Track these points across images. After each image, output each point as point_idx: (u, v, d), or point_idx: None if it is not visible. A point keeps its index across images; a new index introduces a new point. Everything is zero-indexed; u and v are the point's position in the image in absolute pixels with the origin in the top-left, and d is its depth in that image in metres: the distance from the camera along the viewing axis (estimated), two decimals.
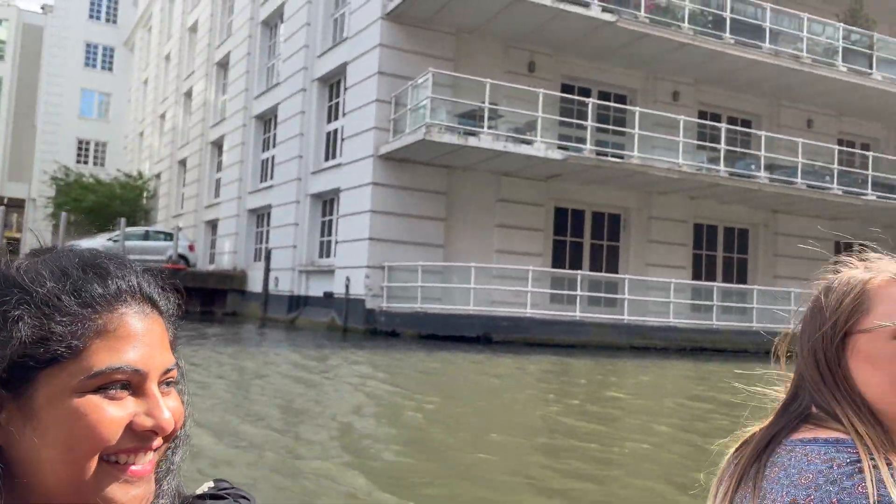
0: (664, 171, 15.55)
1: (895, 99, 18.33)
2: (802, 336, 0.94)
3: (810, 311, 0.95)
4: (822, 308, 0.92)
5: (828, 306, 0.91)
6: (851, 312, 0.89)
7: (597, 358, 13.07)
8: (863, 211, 18.43)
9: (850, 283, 0.92)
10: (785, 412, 0.92)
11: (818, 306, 0.93)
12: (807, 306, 0.97)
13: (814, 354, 0.91)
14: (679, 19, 15.76)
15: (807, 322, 0.95)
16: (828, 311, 0.91)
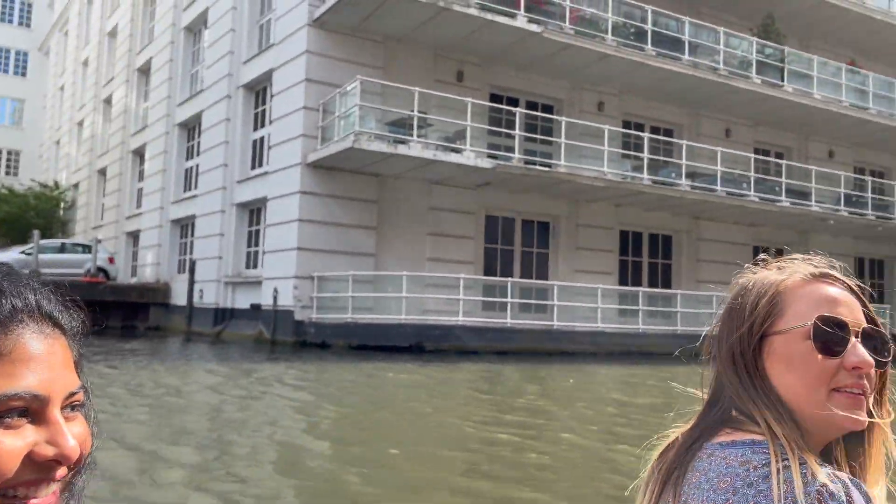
0: (590, 180, 15.87)
1: (805, 110, 19.28)
2: (720, 338, 0.94)
3: (727, 313, 0.96)
4: (738, 310, 0.93)
5: (744, 308, 0.92)
6: (767, 314, 0.90)
7: (526, 364, 13.16)
8: (778, 217, 19.28)
9: (764, 285, 0.93)
10: (705, 416, 0.92)
11: (734, 308, 0.94)
12: (723, 308, 0.97)
13: (732, 356, 0.91)
14: (603, 31, 16.15)
15: (724, 324, 0.95)
16: (744, 313, 0.92)
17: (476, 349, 14.44)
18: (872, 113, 19.96)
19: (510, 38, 15.62)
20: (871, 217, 19.88)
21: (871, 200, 20.17)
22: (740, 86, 17.85)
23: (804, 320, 0.88)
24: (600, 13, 16.24)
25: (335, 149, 13.97)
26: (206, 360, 12.21)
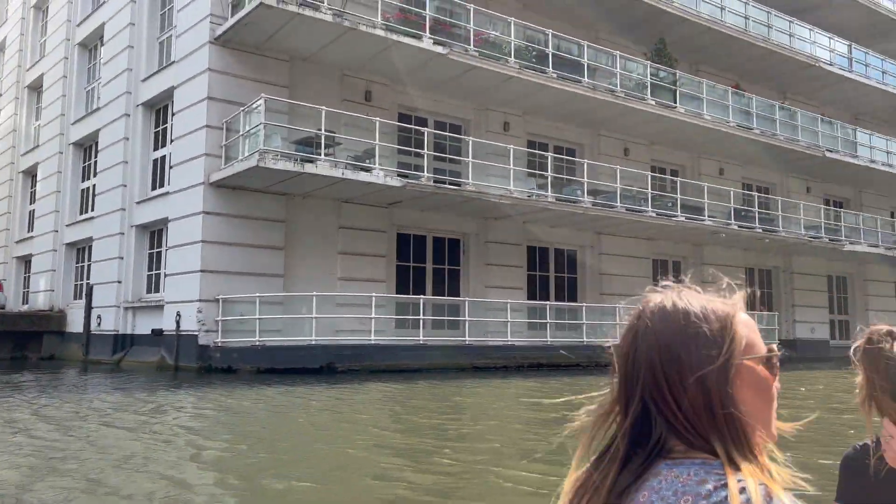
0: (497, 198, 16.23)
1: (696, 130, 20.46)
2: (677, 364, 0.88)
3: (692, 340, 0.89)
4: (708, 338, 0.90)
5: (715, 336, 0.89)
6: (741, 343, 0.90)
7: (438, 381, 13.24)
8: (674, 231, 20.31)
9: (721, 314, 0.92)
10: (637, 445, 0.90)
11: (701, 335, 0.89)
12: (666, 330, 0.91)
13: (704, 386, 0.87)
14: (506, 53, 16.64)
15: (687, 349, 0.89)
16: (719, 341, 0.89)
17: (389, 367, 14.42)
18: (756, 133, 21.41)
19: (417, 60, 15.85)
20: (759, 230, 21.25)
21: (758, 214, 21.56)
22: (636, 107, 18.77)
23: (762, 347, 0.93)
24: (503, 36, 16.74)
25: (240, 168, 13.71)
26: (99, 389, 11.62)
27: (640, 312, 0.96)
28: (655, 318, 0.93)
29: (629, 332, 0.96)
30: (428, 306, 16.45)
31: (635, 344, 0.93)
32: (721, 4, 20.94)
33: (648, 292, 0.99)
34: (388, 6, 15.39)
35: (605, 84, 18.48)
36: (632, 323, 0.96)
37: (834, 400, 10.76)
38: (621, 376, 0.94)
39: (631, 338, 0.94)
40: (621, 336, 0.98)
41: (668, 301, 0.94)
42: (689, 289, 0.96)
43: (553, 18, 19.49)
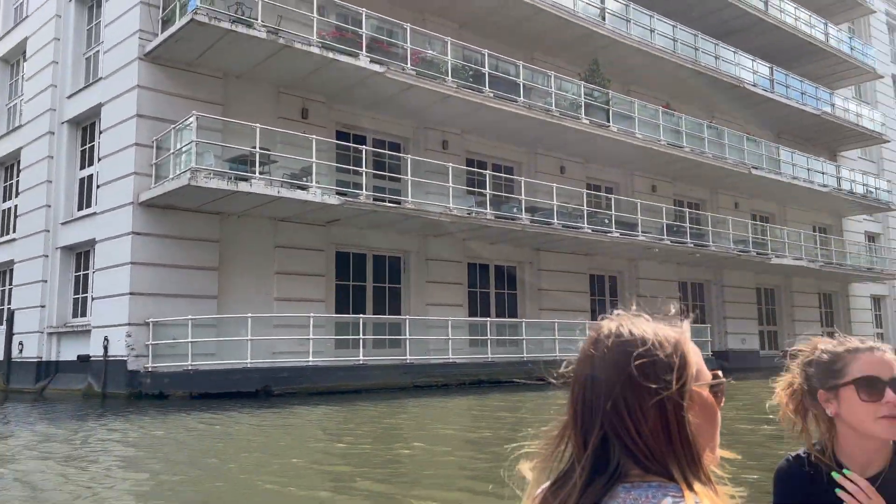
0: (437, 215, 16.26)
1: (629, 148, 21.00)
2: (637, 391, 0.91)
3: (651, 366, 0.92)
4: (663, 363, 0.93)
5: (671, 362, 0.92)
6: (691, 368, 0.94)
7: (379, 400, 13.08)
8: (610, 247, 20.74)
9: (671, 340, 0.96)
10: (595, 471, 0.92)
11: (659, 363, 0.92)
12: (619, 357, 0.93)
13: (660, 409, 0.90)
14: (444, 73, 16.76)
15: (646, 376, 0.92)
16: (677, 367, 0.93)
17: (328, 389, 14.17)
18: (686, 151, 22.13)
19: (354, 77, 15.80)
20: (690, 245, 21.92)
21: (689, 230, 22.25)
22: (571, 126, 19.17)
23: (708, 373, 0.98)
24: (441, 56, 16.87)
25: (170, 187, 13.32)
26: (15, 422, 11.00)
27: (596, 339, 0.98)
28: (612, 346, 0.95)
29: (587, 360, 0.97)
30: (368, 325, 16.29)
31: (593, 371, 0.95)
32: (651, 27, 21.66)
33: (602, 320, 1.01)
34: (325, 24, 15.33)
35: (541, 104, 18.81)
36: (588, 350, 0.97)
37: (757, 410, 11.10)
38: (578, 403, 0.95)
39: (589, 365, 0.96)
40: (578, 363, 0.99)
41: (623, 328, 0.97)
42: (639, 316, 1.00)
43: (489, 38, 19.78)
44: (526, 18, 19.29)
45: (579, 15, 19.62)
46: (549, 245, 20.26)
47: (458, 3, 18.53)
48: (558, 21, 19.41)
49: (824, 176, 27.22)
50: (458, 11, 18.98)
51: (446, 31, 18.03)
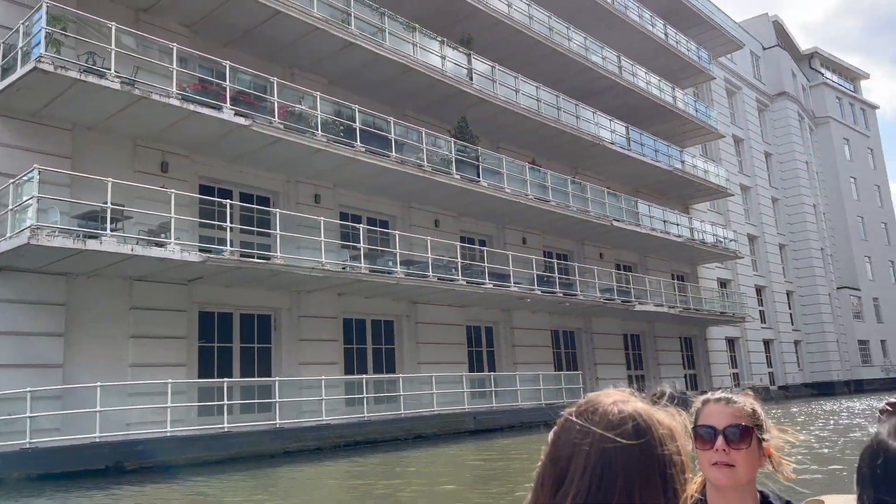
0: (308, 270, 15.83)
1: (499, 202, 21.62)
2: (638, 468, 0.88)
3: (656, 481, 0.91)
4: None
5: (663, 434, 0.92)
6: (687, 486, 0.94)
7: (243, 472, 12.26)
8: (484, 298, 21.03)
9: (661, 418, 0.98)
10: None
11: (653, 435, 0.93)
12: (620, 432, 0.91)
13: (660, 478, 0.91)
14: (313, 127, 16.60)
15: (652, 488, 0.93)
16: (667, 439, 0.93)
17: (189, 461, 13.13)
18: (553, 204, 23.08)
19: (218, 130, 15.29)
20: (560, 294, 22.66)
21: (558, 280, 23.03)
22: (443, 181, 19.49)
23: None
24: (310, 110, 16.72)
25: (8, 246, 12.12)
26: None
27: (590, 430, 0.90)
28: (608, 438, 0.89)
29: (581, 452, 0.89)
30: (235, 389, 15.43)
31: (587, 462, 0.88)
32: (516, 87, 22.68)
33: (595, 397, 0.96)
34: (187, 76, 14.81)
35: (414, 159, 19.03)
36: (579, 441, 0.90)
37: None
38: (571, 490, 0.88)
39: (584, 457, 0.89)
40: (569, 447, 0.91)
41: (628, 423, 0.90)
42: (634, 397, 0.95)
43: (361, 95, 19.92)
44: (396, 76, 19.62)
45: (448, 74, 20.22)
46: (425, 298, 20.25)
47: (328, 59, 18.57)
48: (428, 80, 19.89)
49: (679, 227, 29.27)
50: (327, 68, 19.01)
51: (316, 87, 17.95)
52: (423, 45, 19.83)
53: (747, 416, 1.66)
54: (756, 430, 1.66)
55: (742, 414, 1.66)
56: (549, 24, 24.33)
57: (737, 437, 1.63)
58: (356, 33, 17.84)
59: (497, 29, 22.51)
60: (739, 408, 1.67)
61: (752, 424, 1.66)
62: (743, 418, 1.65)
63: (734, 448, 1.62)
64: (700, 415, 1.70)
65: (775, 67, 45.09)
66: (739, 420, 1.65)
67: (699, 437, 1.65)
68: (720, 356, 33.75)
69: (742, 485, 1.65)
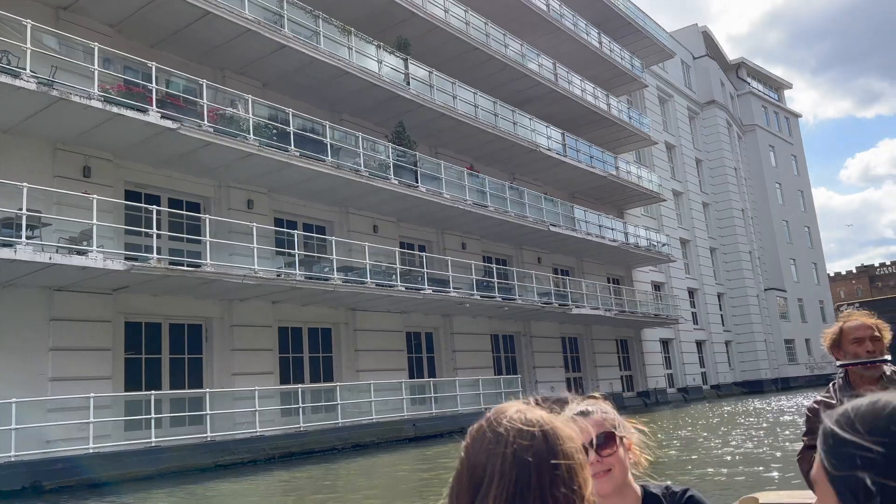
0: (240, 278, 15.41)
1: (438, 207, 21.59)
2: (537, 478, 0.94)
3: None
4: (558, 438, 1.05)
5: (564, 437, 0.99)
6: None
7: (173, 488, 11.80)
8: (423, 303, 20.94)
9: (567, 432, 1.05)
10: None
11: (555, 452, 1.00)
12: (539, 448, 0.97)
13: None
14: (245, 130, 16.20)
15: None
16: (567, 440, 1.00)
17: (113, 479, 12.56)
18: (491, 210, 23.19)
19: (143, 134, 14.75)
20: (499, 299, 22.77)
21: (497, 284, 23.14)
22: (381, 186, 19.32)
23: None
24: (241, 113, 16.32)
25: None
26: None
27: (505, 437, 0.96)
28: (522, 447, 0.95)
29: (496, 457, 0.95)
30: (164, 402, 14.86)
31: (503, 467, 0.93)
32: (453, 93, 22.72)
33: (501, 407, 1.02)
34: (110, 78, 14.24)
35: (350, 163, 18.80)
36: (493, 448, 0.96)
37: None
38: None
39: (500, 461, 0.94)
40: (483, 453, 0.96)
41: (536, 428, 0.97)
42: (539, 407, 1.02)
43: (296, 98, 19.60)
44: (331, 80, 19.37)
45: (384, 79, 20.07)
46: (363, 304, 20.02)
47: (261, 62, 18.19)
48: (364, 84, 19.70)
49: (614, 232, 29.86)
50: (260, 70, 18.62)
51: (249, 90, 17.55)
52: (359, 49, 19.64)
53: (606, 422, 1.74)
54: (620, 430, 1.75)
55: (601, 422, 1.74)
56: (486, 31, 24.50)
57: (605, 444, 1.71)
58: (289, 36, 17.53)
59: (434, 34, 22.52)
60: (597, 417, 1.75)
61: (611, 428, 1.73)
62: (603, 425, 1.73)
63: (606, 455, 1.70)
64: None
65: (705, 76, 46.66)
66: (601, 428, 1.72)
67: None
68: (655, 357, 34.57)
69: (620, 486, 1.73)
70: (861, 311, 2.94)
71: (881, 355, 2.79)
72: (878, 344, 2.82)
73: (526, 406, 1.02)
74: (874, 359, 2.76)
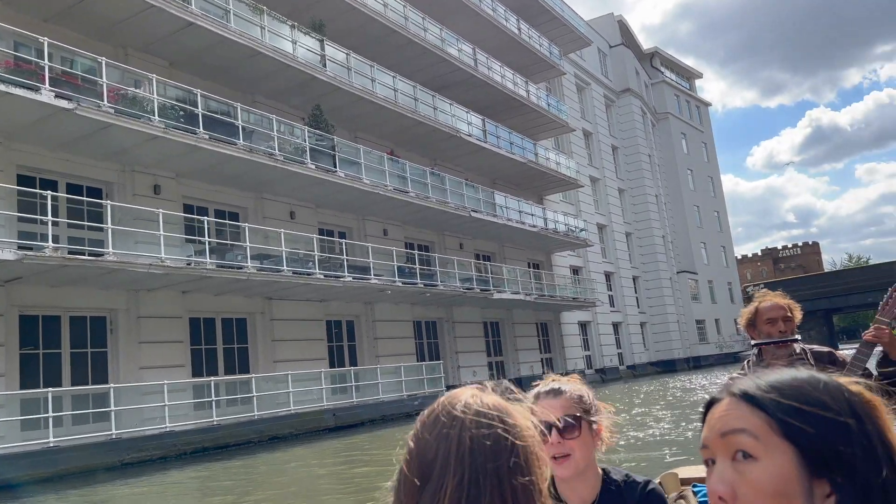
0: (146, 267, 14.66)
1: (358, 193, 21.19)
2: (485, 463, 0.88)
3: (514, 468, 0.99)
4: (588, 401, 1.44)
5: (521, 422, 0.95)
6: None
7: (67, 490, 11.12)
8: (343, 291, 20.58)
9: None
10: None
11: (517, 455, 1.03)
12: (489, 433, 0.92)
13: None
14: (149, 112, 15.36)
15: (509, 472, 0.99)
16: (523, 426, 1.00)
17: (7, 482, 11.75)
18: (412, 196, 22.98)
19: (36, 114, 13.75)
20: (420, 285, 22.65)
21: (419, 271, 23.01)
22: (297, 170, 18.77)
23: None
24: (145, 93, 15.45)
25: None
26: None
27: (459, 420, 0.90)
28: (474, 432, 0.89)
29: (451, 441, 0.89)
30: (65, 399, 14.01)
31: (460, 455, 0.87)
32: (372, 76, 22.31)
33: (455, 393, 0.97)
34: None
35: (264, 147, 18.17)
36: (447, 432, 0.90)
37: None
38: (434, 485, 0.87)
39: (455, 445, 0.88)
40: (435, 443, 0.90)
41: (493, 412, 0.92)
42: (492, 392, 0.97)
43: (206, 79, 18.76)
44: (243, 60, 18.63)
45: (299, 60, 19.47)
46: (281, 293, 19.49)
47: (167, 40, 17.29)
48: (278, 65, 19.04)
49: (533, 217, 30.24)
50: (167, 49, 17.70)
51: (154, 69, 16.62)
52: (272, 29, 18.95)
53: (575, 405, 1.72)
54: (585, 415, 1.72)
55: (569, 404, 1.71)
56: (405, 14, 24.16)
57: (568, 428, 1.68)
58: (197, 13, 16.70)
59: (351, 16, 22.01)
60: (567, 398, 1.72)
61: (580, 412, 1.71)
62: (571, 408, 1.71)
63: (568, 439, 1.68)
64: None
65: (620, 65, 47.83)
66: (569, 410, 1.70)
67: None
68: (573, 340, 35.39)
69: (582, 470, 1.71)
70: (776, 292, 3.06)
71: (792, 335, 2.93)
72: (789, 324, 2.97)
73: (481, 391, 0.97)
74: (785, 339, 2.91)
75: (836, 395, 0.79)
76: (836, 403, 0.78)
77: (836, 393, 0.79)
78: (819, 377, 0.81)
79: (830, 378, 0.81)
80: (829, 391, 0.79)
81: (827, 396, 0.79)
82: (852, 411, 0.78)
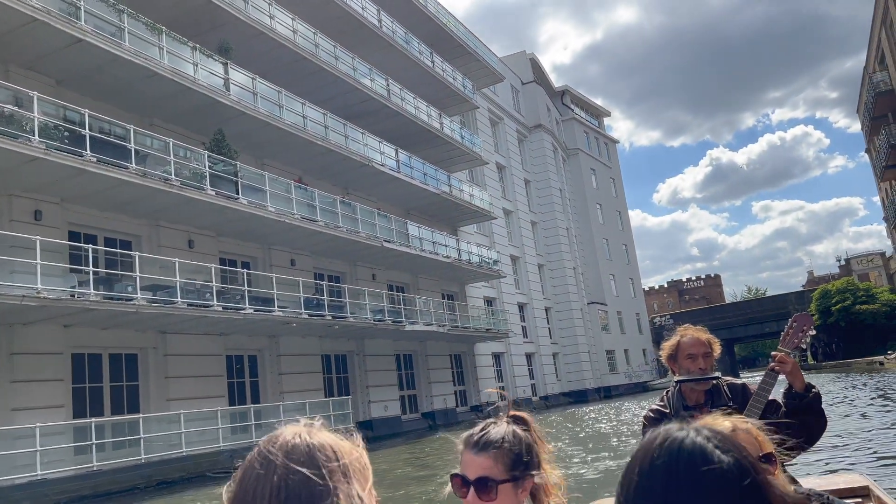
0: (19, 299, 13.40)
1: (262, 221, 20.38)
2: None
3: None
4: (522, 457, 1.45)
5: (348, 464, 0.92)
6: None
7: None
8: (245, 324, 19.61)
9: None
10: None
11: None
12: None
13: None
14: (28, 132, 14.22)
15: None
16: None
17: None
18: (321, 225, 22.34)
19: None
20: (329, 317, 21.92)
21: (328, 302, 22.27)
22: (195, 196, 17.85)
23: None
24: (23, 112, 14.33)
25: None
26: None
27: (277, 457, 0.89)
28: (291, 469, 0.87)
29: (261, 483, 0.86)
30: None
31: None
32: (279, 102, 21.70)
33: (281, 430, 0.93)
34: None
35: (159, 172, 17.19)
36: (262, 473, 0.87)
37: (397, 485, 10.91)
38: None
39: (268, 488, 0.86)
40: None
41: (316, 453, 0.89)
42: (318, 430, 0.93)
43: (98, 100, 17.69)
44: (139, 81, 17.68)
45: (201, 83, 18.68)
46: (175, 327, 18.35)
47: (53, 56, 16.20)
48: (177, 87, 18.19)
49: (447, 248, 30.10)
50: (53, 66, 16.60)
51: (39, 87, 15.49)
52: (171, 50, 18.12)
53: (500, 464, 1.57)
54: (510, 473, 1.58)
55: (491, 463, 1.58)
56: (315, 41, 23.78)
57: (485, 491, 1.57)
58: (87, 29, 15.75)
59: (259, 41, 21.44)
60: (491, 454, 1.58)
61: (504, 474, 1.57)
62: (493, 468, 1.57)
63: (485, 500, 1.57)
64: (461, 458, 1.65)
65: (532, 101, 49.02)
66: (489, 472, 1.57)
67: (455, 484, 1.63)
68: (487, 371, 35.25)
69: None
70: (697, 327, 3.19)
71: (711, 371, 3.07)
72: (708, 360, 3.08)
73: (310, 428, 0.93)
74: (704, 377, 3.03)
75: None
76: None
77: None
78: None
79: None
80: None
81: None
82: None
